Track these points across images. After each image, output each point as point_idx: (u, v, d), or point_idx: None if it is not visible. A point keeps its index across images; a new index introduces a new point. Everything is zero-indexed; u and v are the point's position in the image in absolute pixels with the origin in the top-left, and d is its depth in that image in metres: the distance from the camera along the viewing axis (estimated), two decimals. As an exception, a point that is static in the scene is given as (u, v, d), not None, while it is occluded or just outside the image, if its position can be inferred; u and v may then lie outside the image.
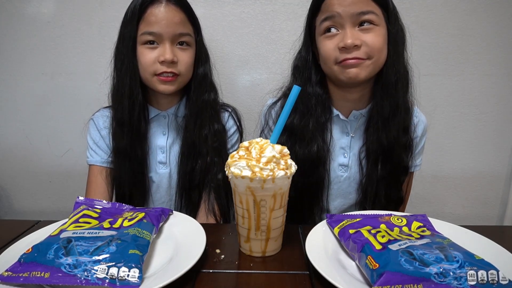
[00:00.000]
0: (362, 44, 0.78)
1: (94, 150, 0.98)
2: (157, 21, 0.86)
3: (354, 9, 0.77)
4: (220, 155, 0.96)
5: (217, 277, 0.59)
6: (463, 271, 0.49)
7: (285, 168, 0.60)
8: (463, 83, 1.37)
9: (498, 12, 1.30)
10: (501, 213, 1.51)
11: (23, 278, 0.50)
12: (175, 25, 0.87)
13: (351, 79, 0.81)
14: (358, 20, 0.79)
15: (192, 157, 0.95)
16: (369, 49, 0.79)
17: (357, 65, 0.79)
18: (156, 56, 0.87)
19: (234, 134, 1.04)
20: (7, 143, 1.46)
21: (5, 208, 1.54)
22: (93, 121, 1.00)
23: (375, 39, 0.79)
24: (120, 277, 0.50)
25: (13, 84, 1.40)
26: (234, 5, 1.31)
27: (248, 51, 1.35)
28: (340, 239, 0.63)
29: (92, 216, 0.65)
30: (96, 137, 0.98)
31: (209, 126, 0.95)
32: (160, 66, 0.88)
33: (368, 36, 0.79)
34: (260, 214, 0.61)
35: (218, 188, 0.95)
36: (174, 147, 0.99)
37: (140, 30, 0.87)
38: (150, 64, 0.88)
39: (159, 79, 0.89)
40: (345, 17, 0.78)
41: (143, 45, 0.88)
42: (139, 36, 0.87)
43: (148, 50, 0.88)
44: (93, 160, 0.97)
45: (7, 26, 1.34)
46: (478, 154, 1.44)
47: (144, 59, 0.88)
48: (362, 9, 0.77)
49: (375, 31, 0.79)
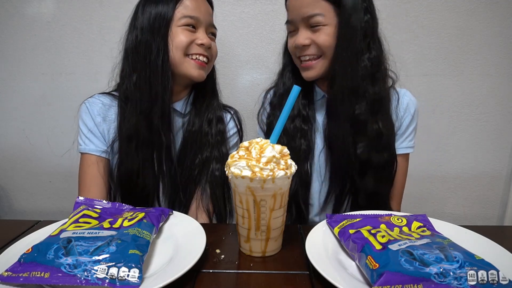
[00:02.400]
0: (312, 43, 0.87)
1: (88, 137, 0.92)
2: (197, 7, 0.90)
3: (303, 13, 0.85)
4: (220, 151, 0.97)
5: (217, 277, 0.59)
6: (463, 271, 0.49)
7: (285, 168, 0.60)
8: (463, 83, 1.37)
9: (498, 12, 1.30)
10: (501, 213, 1.51)
11: (23, 278, 0.50)
12: (209, 15, 0.94)
13: (308, 79, 0.91)
14: (308, 22, 0.86)
15: (191, 151, 0.96)
16: (319, 48, 0.87)
17: (310, 67, 0.89)
18: (194, 38, 0.90)
19: (234, 136, 1.04)
20: (7, 143, 1.46)
21: (5, 208, 1.54)
22: (86, 107, 0.94)
23: (323, 38, 0.85)
24: (120, 277, 0.50)
25: (13, 84, 1.40)
26: (234, 5, 1.31)
27: (248, 51, 1.35)
28: (340, 239, 0.63)
29: (92, 216, 0.65)
30: (90, 123, 0.93)
31: (212, 121, 0.98)
32: (197, 48, 0.90)
33: (316, 36, 0.86)
34: (260, 214, 0.61)
35: (214, 184, 0.95)
36: (176, 140, 0.98)
37: (177, 15, 0.88)
38: (186, 45, 0.89)
39: (195, 62, 0.90)
40: (297, 21, 0.87)
41: (181, 27, 0.89)
42: (177, 19, 0.88)
43: (186, 32, 0.89)
44: (88, 148, 0.92)
45: (7, 26, 1.34)
46: (478, 154, 1.44)
47: (181, 39, 0.88)
48: (309, 12, 0.85)
49: (323, 31, 0.85)
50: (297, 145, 0.94)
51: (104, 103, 0.95)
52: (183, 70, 0.90)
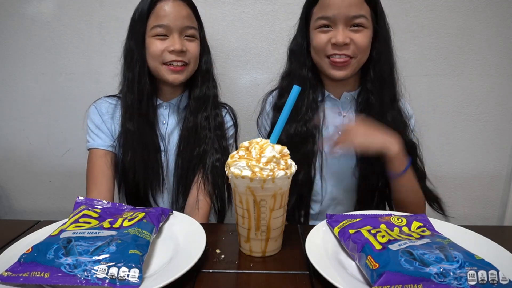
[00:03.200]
0: (351, 43, 0.88)
1: (96, 133, 0.99)
2: (166, 15, 0.92)
3: (348, 12, 0.86)
4: (220, 143, 1.01)
5: (217, 277, 0.59)
6: (463, 271, 0.49)
7: (285, 168, 0.60)
8: (463, 83, 1.37)
9: (498, 12, 1.30)
10: (501, 213, 1.51)
11: (23, 278, 0.50)
12: (183, 18, 0.94)
13: (337, 78, 0.91)
14: (350, 22, 0.87)
15: (192, 143, 0.99)
16: (356, 48, 0.88)
17: (344, 67, 0.89)
18: (165, 46, 0.93)
19: (231, 128, 1.08)
20: (7, 143, 1.46)
21: (5, 208, 1.54)
22: (95, 107, 1.02)
23: (363, 40, 0.88)
24: (120, 277, 0.50)
25: (13, 84, 1.40)
26: (234, 5, 1.31)
27: (248, 51, 1.35)
28: (340, 239, 0.63)
29: (92, 216, 0.65)
30: (98, 121, 1.00)
31: (209, 115, 1.00)
32: (170, 55, 0.93)
33: (357, 36, 0.87)
34: (260, 214, 0.61)
35: (215, 173, 0.98)
36: (173, 136, 1.03)
37: (150, 25, 0.93)
38: (159, 54, 0.93)
39: (168, 68, 0.94)
40: (339, 18, 0.87)
41: (153, 37, 0.93)
42: (149, 30, 0.93)
43: (158, 41, 0.93)
44: (95, 143, 0.98)
45: (7, 26, 1.34)
46: (478, 154, 1.44)
47: (153, 49, 0.93)
48: (355, 13, 0.86)
49: (364, 33, 0.88)
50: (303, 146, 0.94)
51: (110, 103, 1.02)
52: (161, 76, 0.96)
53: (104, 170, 0.96)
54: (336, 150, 0.90)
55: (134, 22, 0.96)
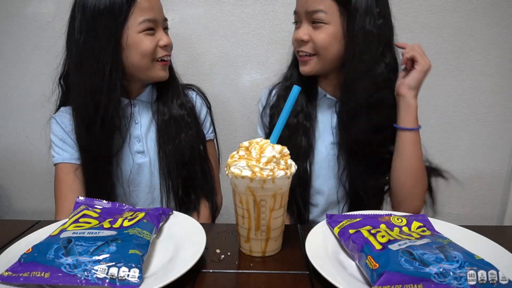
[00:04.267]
0: (310, 40, 0.85)
1: (60, 147, 0.92)
2: (152, 7, 0.86)
3: (305, 7, 0.84)
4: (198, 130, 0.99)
5: (217, 277, 0.59)
6: (463, 271, 0.49)
7: (285, 168, 0.60)
8: (463, 83, 1.37)
9: (498, 12, 1.30)
10: (501, 213, 1.51)
11: (23, 278, 0.50)
12: (162, 10, 0.91)
13: (302, 73, 0.91)
14: (310, 18, 0.84)
15: (173, 135, 0.95)
16: (315, 46, 0.85)
17: (306, 62, 0.88)
18: (156, 41, 0.88)
19: (203, 109, 1.05)
20: (7, 143, 1.46)
21: (5, 208, 1.54)
22: (55, 119, 0.94)
23: (321, 37, 0.83)
24: (120, 277, 0.50)
25: (13, 84, 1.40)
26: (234, 5, 1.31)
27: (248, 51, 1.35)
28: (340, 239, 0.63)
29: (92, 216, 0.65)
30: (61, 133, 0.93)
31: (177, 103, 0.97)
32: (162, 51, 0.90)
33: (315, 33, 0.84)
34: (260, 214, 0.61)
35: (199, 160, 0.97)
36: (150, 134, 0.98)
37: (134, 19, 0.84)
38: (152, 51, 0.87)
39: (161, 64, 0.91)
40: (301, 14, 0.86)
41: (142, 33, 0.86)
42: (135, 25, 0.84)
43: (148, 36, 0.87)
44: (61, 157, 0.91)
45: (7, 26, 1.34)
46: (478, 154, 1.44)
47: (146, 46, 0.86)
48: (311, 8, 0.83)
49: (324, 29, 0.83)
50: (298, 141, 0.93)
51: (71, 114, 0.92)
52: (151, 74, 0.91)
53: (72, 184, 0.90)
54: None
55: (99, 17, 0.82)
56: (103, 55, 0.83)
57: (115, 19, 0.82)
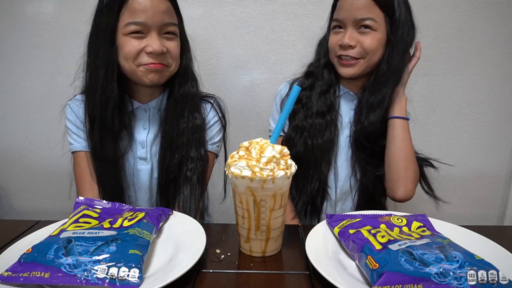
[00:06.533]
0: (357, 45, 0.91)
1: (77, 134, 0.92)
2: (143, 10, 0.79)
3: (357, 15, 0.89)
4: (197, 149, 0.92)
5: (217, 277, 0.59)
6: (463, 271, 0.49)
7: (285, 168, 0.60)
8: (463, 83, 1.37)
9: (498, 12, 1.30)
10: (501, 213, 1.51)
11: (23, 278, 0.50)
12: (162, 14, 0.81)
13: (345, 75, 0.95)
14: (359, 24, 0.90)
15: (170, 152, 0.91)
16: (363, 50, 0.91)
17: (351, 65, 0.93)
18: (142, 46, 0.81)
19: (215, 126, 0.98)
20: (7, 143, 1.46)
21: (5, 208, 1.54)
22: (70, 107, 0.94)
23: (370, 42, 0.90)
24: (120, 277, 0.50)
25: (13, 84, 1.40)
26: (234, 5, 1.31)
27: (248, 51, 1.35)
28: (340, 239, 0.63)
29: (92, 216, 0.65)
30: (76, 121, 0.92)
31: (187, 118, 0.91)
32: (147, 58, 0.82)
33: (364, 38, 0.90)
34: (260, 214, 0.61)
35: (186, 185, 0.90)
36: (156, 142, 0.94)
37: (122, 20, 0.80)
38: (135, 55, 0.81)
39: (146, 67, 0.83)
40: (348, 21, 0.90)
41: (128, 36, 0.81)
42: (122, 27, 0.80)
43: (133, 39, 0.81)
44: (79, 146, 0.91)
45: (7, 26, 1.34)
46: (478, 154, 1.44)
47: (128, 49, 0.81)
48: (364, 15, 0.88)
49: (372, 35, 0.90)
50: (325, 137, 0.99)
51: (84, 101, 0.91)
52: (137, 78, 0.85)
53: (90, 172, 0.90)
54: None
55: (101, 14, 0.82)
56: (101, 52, 0.82)
57: (109, 18, 0.81)
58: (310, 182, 0.99)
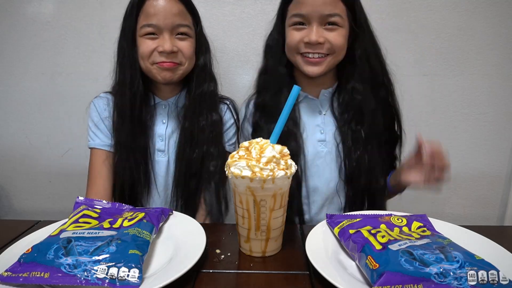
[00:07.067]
0: (325, 42, 0.87)
1: (94, 132, 0.99)
2: (156, 13, 0.88)
3: (323, 10, 0.85)
4: (216, 145, 0.98)
5: (217, 277, 0.59)
6: (463, 271, 0.49)
7: (285, 168, 0.60)
8: (463, 83, 1.37)
9: (498, 12, 1.30)
10: (501, 213, 1.51)
11: (23, 278, 0.50)
12: (174, 16, 0.90)
13: (311, 74, 0.90)
14: (325, 21, 0.86)
15: (190, 146, 0.96)
16: (331, 46, 0.88)
17: (318, 63, 0.89)
18: (155, 46, 0.90)
19: (231, 128, 1.04)
20: (7, 143, 1.46)
21: (5, 208, 1.54)
22: (94, 104, 1.01)
23: (337, 38, 0.87)
24: (120, 277, 0.50)
25: (13, 84, 1.40)
26: (234, 5, 1.31)
27: (248, 51, 1.35)
28: (340, 239, 0.63)
29: (92, 216, 0.65)
30: (97, 119, 0.99)
31: (206, 116, 0.97)
32: (159, 56, 0.90)
33: (331, 35, 0.87)
34: (260, 214, 0.61)
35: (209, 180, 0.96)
36: (173, 136, 1.00)
37: (139, 23, 0.90)
38: (149, 54, 0.90)
39: (159, 65, 0.91)
40: (314, 17, 0.86)
41: (143, 37, 0.91)
42: (139, 29, 0.90)
43: (148, 40, 0.90)
44: (94, 143, 0.98)
45: (7, 26, 1.34)
46: (478, 154, 1.44)
47: (143, 49, 0.91)
48: (330, 11, 0.85)
49: (338, 32, 0.87)
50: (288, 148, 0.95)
51: (109, 99, 0.99)
52: (152, 76, 0.94)
53: (101, 170, 0.96)
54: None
55: (125, 20, 0.93)
56: (126, 53, 0.92)
57: (130, 21, 0.91)
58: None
